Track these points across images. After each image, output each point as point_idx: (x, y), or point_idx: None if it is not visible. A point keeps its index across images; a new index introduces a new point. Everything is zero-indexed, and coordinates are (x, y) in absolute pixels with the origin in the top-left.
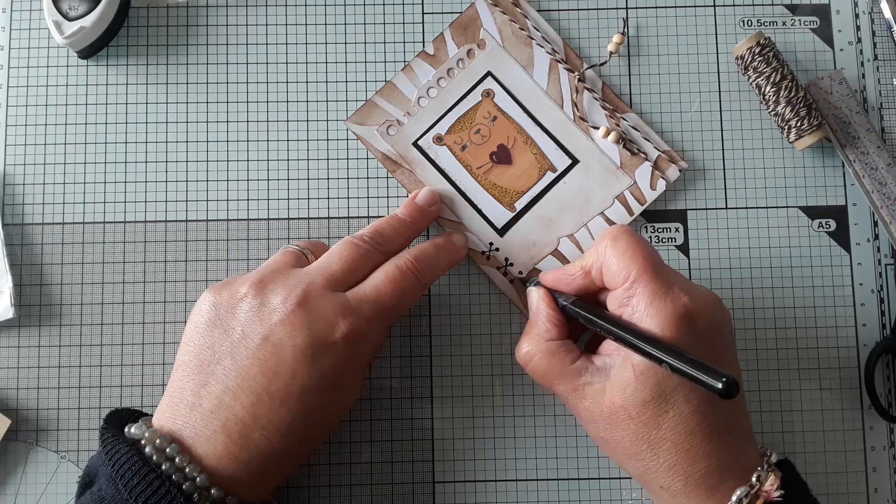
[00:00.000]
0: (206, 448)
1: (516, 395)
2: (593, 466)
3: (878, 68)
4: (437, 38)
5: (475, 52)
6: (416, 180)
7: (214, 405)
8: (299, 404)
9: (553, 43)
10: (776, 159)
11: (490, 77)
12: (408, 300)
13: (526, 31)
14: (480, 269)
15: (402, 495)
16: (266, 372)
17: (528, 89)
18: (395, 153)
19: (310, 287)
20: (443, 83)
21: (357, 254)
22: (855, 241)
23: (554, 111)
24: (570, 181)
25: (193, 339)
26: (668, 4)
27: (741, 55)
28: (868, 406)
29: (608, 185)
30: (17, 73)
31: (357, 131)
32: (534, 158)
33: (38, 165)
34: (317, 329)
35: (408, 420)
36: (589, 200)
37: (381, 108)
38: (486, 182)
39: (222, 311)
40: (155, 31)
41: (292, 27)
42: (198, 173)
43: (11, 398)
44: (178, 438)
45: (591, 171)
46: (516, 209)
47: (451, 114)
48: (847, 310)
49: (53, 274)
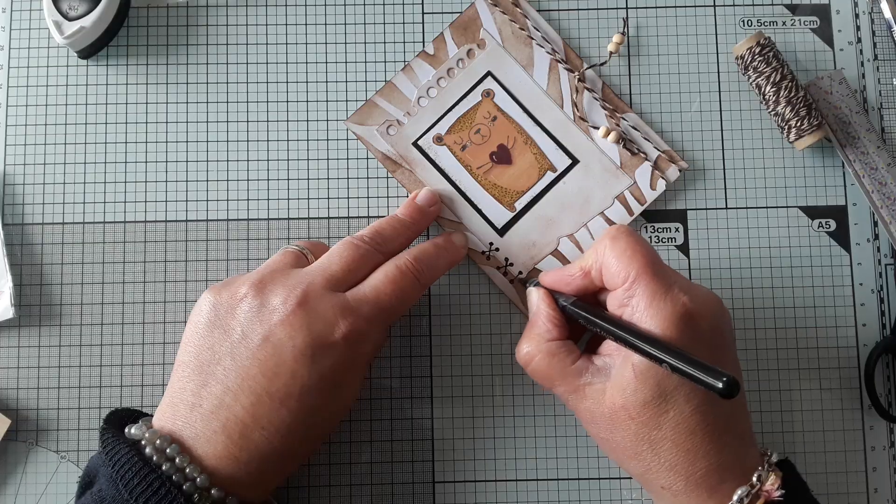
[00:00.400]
0: (207, 448)
1: (516, 395)
2: (593, 466)
3: (878, 68)
4: (437, 38)
5: (475, 51)
6: (416, 180)
7: (215, 406)
8: (299, 404)
9: (553, 43)
10: (776, 159)
11: (490, 77)
12: (407, 300)
13: (526, 31)
14: (480, 268)
15: (402, 495)
16: (266, 372)
17: (528, 89)
18: (395, 153)
19: (310, 287)
20: (443, 83)
21: (357, 254)
22: (855, 241)
23: (554, 111)
24: (570, 181)
25: (193, 340)
26: (668, 4)
27: (741, 55)
28: (868, 406)
29: (608, 185)
30: (17, 73)
31: (357, 131)
32: (534, 158)
33: (38, 165)
34: (317, 329)
35: (408, 420)
36: (589, 200)
37: (381, 108)
38: (486, 182)
39: (222, 312)
40: (155, 31)
41: (292, 27)
42: (198, 173)
43: (11, 398)
44: (178, 439)
45: (591, 171)
46: (516, 209)
47: (451, 114)
48: (847, 310)
49: (53, 274)
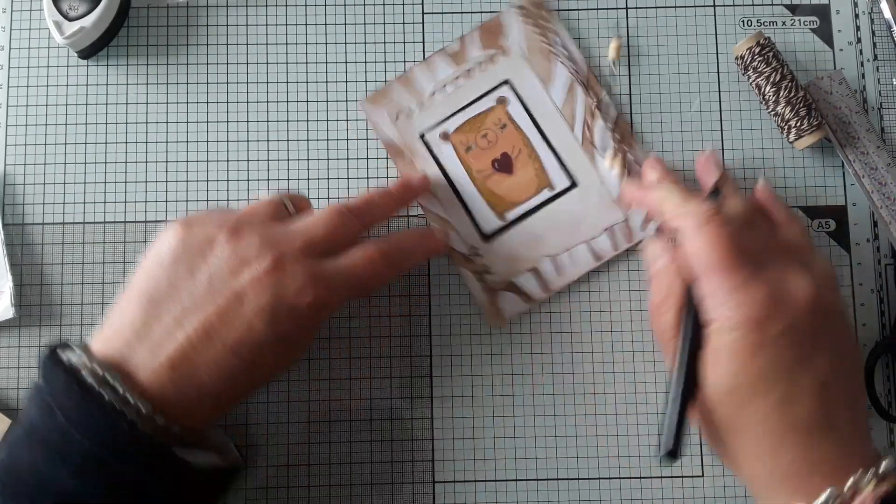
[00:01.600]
0: (151, 378)
1: (516, 395)
2: (593, 466)
3: (878, 68)
4: (463, 36)
5: (498, 57)
6: (415, 171)
7: (163, 338)
8: (250, 356)
9: (576, 63)
10: (776, 159)
11: (507, 85)
12: (379, 283)
13: (551, 46)
14: (458, 269)
15: (402, 495)
16: (224, 319)
17: (542, 104)
18: (400, 140)
19: (287, 248)
20: (460, 82)
21: (341, 223)
22: (855, 241)
23: (564, 130)
24: (565, 203)
25: (153, 270)
26: (668, 4)
27: (741, 55)
28: (868, 406)
29: (600, 216)
30: (17, 73)
31: (369, 112)
32: (534, 173)
33: (38, 165)
34: (284, 293)
35: (408, 420)
36: (579, 226)
37: (396, 93)
38: (484, 187)
39: (192, 250)
40: (155, 31)
41: (292, 27)
42: (198, 173)
43: (12, 398)
44: (120, 366)
45: (587, 198)
46: (507, 219)
47: (462, 114)
48: (847, 310)
49: (53, 274)
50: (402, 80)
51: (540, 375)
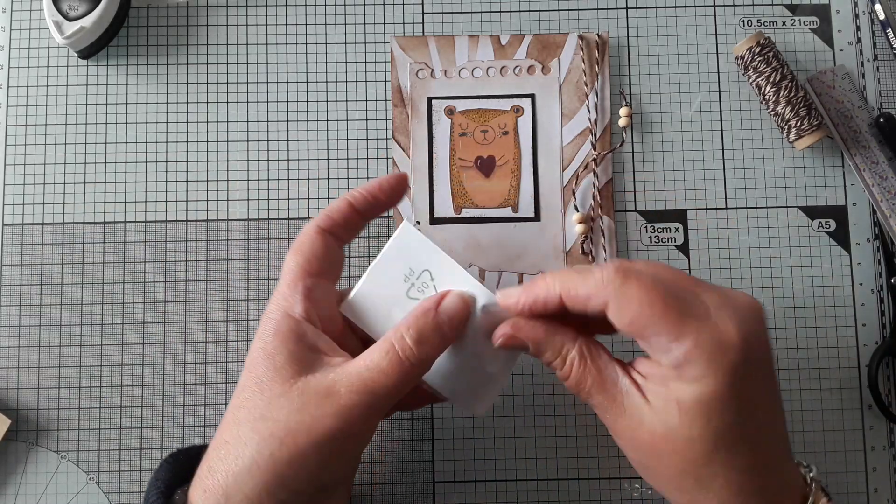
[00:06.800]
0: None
1: (516, 395)
2: (593, 466)
3: (878, 68)
4: (517, 35)
5: (537, 70)
6: (405, 127)
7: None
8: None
9: (601, 114)
10: (776, 159)
11: (530, 100)
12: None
13: (587, 88)
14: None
15: (402, 495)
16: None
17: (550, 134)
18: (408, 93)
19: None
20: (492, 73)
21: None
22: (855, 241)
23: (556, 167)
24: (520, 230)
25: None
26: (668, 4)
27: (741, 55)
28: (868, 406)
29: (544, 260)
30: (17, 73)
31: (395, 52)
32: (508, 188)
33: (38, 165)
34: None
35: (408, 420)
36: (521, 257)
37: (428, 50)
38: (456, 175)
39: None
40: (155, 31)
41: (292, 27)
42: (198, 173)
43: (11, 398)
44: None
45: (541, 237)
46: (460, 214)
47: (477, 101)
48: (847, 310)
49: (53, 274)
50: (441, 41)
51: (540, 375)
